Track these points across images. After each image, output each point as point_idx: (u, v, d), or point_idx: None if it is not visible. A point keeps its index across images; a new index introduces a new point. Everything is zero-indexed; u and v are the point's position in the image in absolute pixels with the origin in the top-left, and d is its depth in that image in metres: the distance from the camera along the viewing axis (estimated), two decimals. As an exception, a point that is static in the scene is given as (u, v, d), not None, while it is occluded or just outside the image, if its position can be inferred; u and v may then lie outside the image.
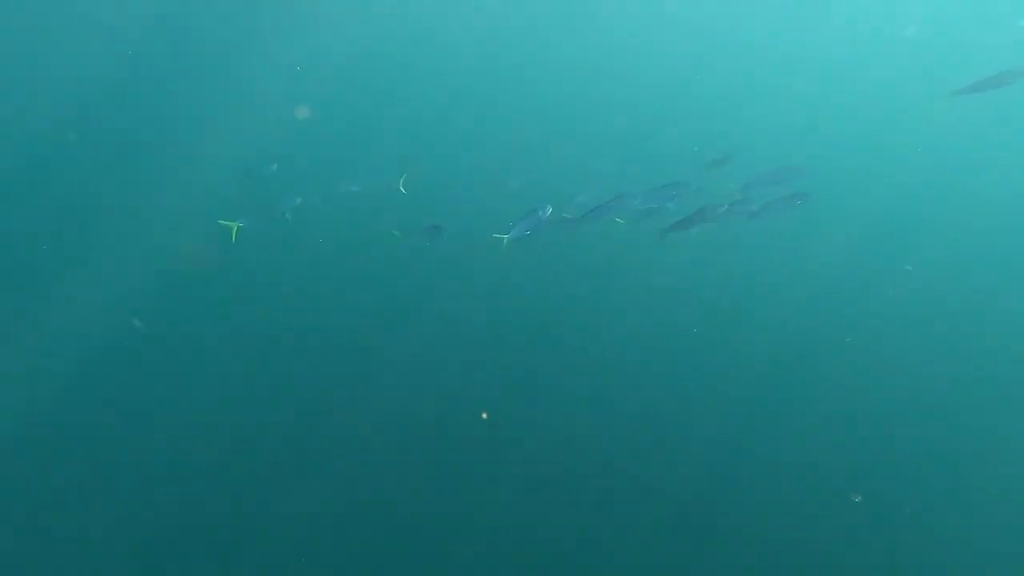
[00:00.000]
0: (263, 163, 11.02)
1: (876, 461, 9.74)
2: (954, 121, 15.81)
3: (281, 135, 14.93)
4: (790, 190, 7.18)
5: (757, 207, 7.15)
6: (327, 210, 10.92)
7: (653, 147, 16.48)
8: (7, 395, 9.80)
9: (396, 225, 9.41)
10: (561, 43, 18.92)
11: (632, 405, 10.17)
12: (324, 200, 10.23)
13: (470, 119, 17.56)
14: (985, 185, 15.44)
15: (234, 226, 8.49)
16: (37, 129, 14.26)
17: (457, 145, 16.37)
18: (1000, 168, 15.95)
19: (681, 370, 11.18)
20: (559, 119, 17.46)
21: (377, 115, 17.29)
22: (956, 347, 11.81)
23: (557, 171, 12.75)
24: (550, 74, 18.57)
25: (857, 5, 18.75)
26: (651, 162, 15.41)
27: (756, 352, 11.18)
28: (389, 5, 17.27)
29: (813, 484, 9.20)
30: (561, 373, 10.65)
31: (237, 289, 12.04)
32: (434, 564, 8.08)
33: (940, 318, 12.30)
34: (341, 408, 9.88)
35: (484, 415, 9.75)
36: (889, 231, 14.72)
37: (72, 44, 15.60)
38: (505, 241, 7.17)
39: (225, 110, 15.59)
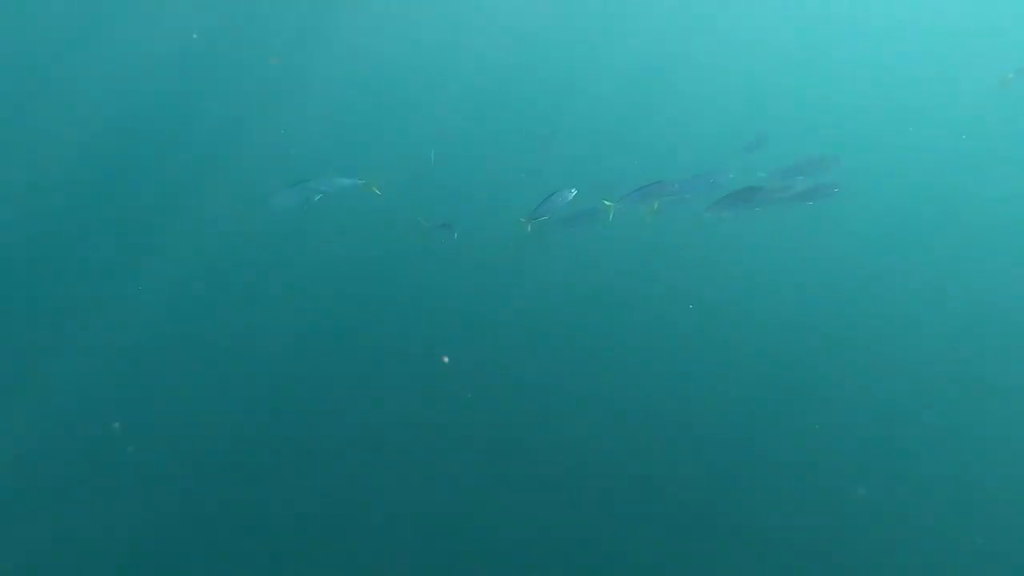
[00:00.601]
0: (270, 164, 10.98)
1: (881, 461, 9.84)
2: (972, 117, 16.00)
3: (288, 137, 14.94)
4: (824, 179, 7.31)
5: (791, 195, 7.23)
6: (329, 208, 10.86)
7: (670, 144, 16.68)
8: (11, 397, 9.54)
9: (407, 224, 9.36)
10: (579, 41, 19.11)
11: (649, 402, 10.18)
12: (326, 198, 10.16)
13: (475, 118, 17.67)
14: (1010, 181, 15.48)
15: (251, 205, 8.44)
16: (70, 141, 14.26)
17: (464, 144, 16.46)
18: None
19: (697, 367, 11.22)
20: (564, 118, 17.64)
21: (390, 115, 17.33)
22: (977, 346, 11.98)
23: (562, 170, 12.86)
24: (563, 73, 18.74)
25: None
26: (669, 158, 15.60)
27: (774, 349, 11.27)
28: (396, 5, 17.39)
29: (817, 483, 9.26)
30: (572, 373, 10.64)
31: (239, 288, 11.89)
32: (434, 564, 8.01)
33: (955, 316, 12.51)
34: (342, 407, 9.78)
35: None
36: (911, 226, 14.77)
37: (112, 68, 15.86)
38: (528, 226, 7.15)
39: (234, 116, 15.64)
